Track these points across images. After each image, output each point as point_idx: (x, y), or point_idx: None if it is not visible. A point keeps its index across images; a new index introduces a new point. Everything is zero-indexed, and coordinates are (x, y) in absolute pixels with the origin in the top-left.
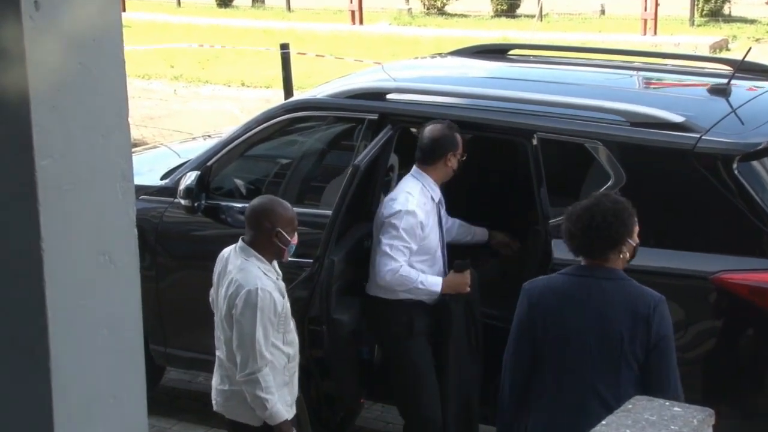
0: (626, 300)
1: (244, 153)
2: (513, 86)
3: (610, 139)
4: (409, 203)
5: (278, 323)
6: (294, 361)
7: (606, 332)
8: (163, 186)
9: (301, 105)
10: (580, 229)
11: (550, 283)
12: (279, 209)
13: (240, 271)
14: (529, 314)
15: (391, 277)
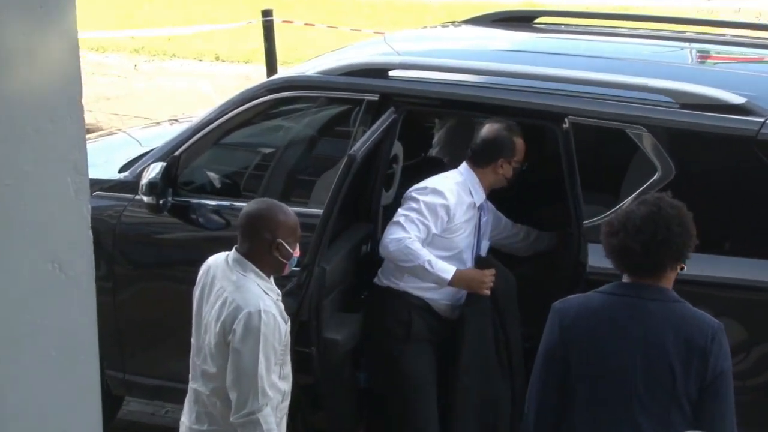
0: (679, 327)
1: (219, 141)
2: (539, 61)
3: (657, 123)
4: (439, 184)
5: (278, 352)
6: (287, 400)
7: (654, 365)
8: (121, 180)
9: (286, 84)
10: (641, 243)
11: (587, 303)
12: (280, 216)
13: (237, 289)
14: (560, 339)
15: (395, 246)
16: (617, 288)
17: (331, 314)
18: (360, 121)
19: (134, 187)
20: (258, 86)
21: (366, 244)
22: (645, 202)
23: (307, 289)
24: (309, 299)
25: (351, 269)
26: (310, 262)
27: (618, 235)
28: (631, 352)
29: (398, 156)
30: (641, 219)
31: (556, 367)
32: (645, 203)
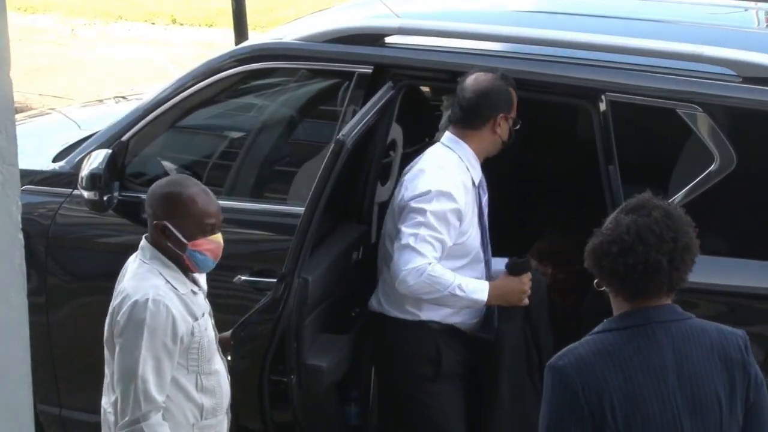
0: (711, 345)
1: (176, 123)
2: (569, 24)
3: (715, 101)
4: (442, 181)
5: (186, 355)
6: (214, 418)
7: (699, 398)
8: (56, 171)
9: (259, 53)
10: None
11: (597, 350)
12: (175, 194)
13: (133, 276)
14: (576, 403)
15: (415, 279)
16: (623, 321)
17: (315, 336)
18: (350, 98)
19: (72, 180)
20: (224, 56)
21: (357, 250)
22: (633, 208)
23: (285, 305)
24: (287, 317)
25: (339, 280)
26: (289, 272)
27: (636, 252)
28: (671, 390)
29: (396, 142)
30: (656, 224)
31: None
32: (635, 209)
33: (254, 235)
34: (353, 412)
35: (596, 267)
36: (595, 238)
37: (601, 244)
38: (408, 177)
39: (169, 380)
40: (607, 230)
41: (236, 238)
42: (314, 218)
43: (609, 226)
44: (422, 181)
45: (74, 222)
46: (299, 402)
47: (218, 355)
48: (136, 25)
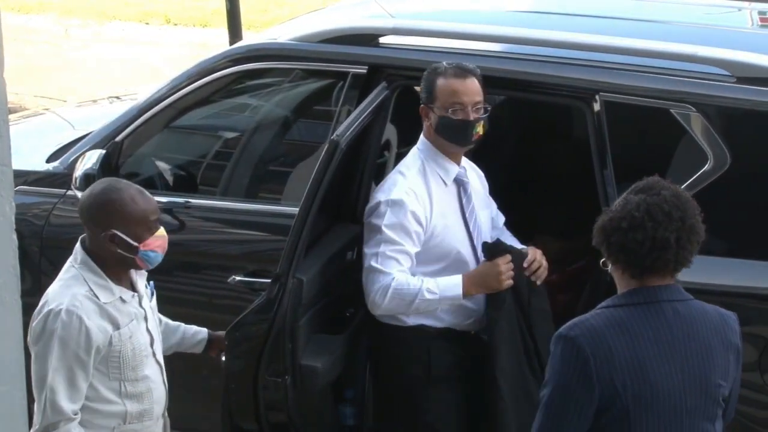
0: (714, 327)
1: (171, 124)
2: (564, 25)
3: (708, 101)
4: (393, 190)
5: (107, 363)
6: (140, 423)
7: (704, 379)
8: (50, 171)
9: (254, 53)
10: (676, 233)
11: (609, 323)
12: (115, 201)
13: (57, 281)
14: (585, 372)
15: (384, 299)
16: (631, 297)
17: (310, 336)
18: (344, 99)
19: (66, 181)
20: (218, 56)
21: (352, 250)
22: (642, 189)
23: (280, 306)
24: (282, 317)
25: (334, 281)
26: (284, 272)
27: (645, 228)
28: (679, 368)
29: (391, 142)
30: (665, 203)
31: (584, 406)
32: (645, 189)
33: (249, 236)
34: (348, 413)
35: (605, 243)
36: (605, 216)
37: (611, 221)
38: (377, 187)
39: (84, 388)
40: (616, 208)
41: (231, 238)
42: (308, 218)
43: (618, 204)
44: (378, 193)
45: (68, 222)
46: (294, 402)
47: (152, 360)
48: (130, 25)
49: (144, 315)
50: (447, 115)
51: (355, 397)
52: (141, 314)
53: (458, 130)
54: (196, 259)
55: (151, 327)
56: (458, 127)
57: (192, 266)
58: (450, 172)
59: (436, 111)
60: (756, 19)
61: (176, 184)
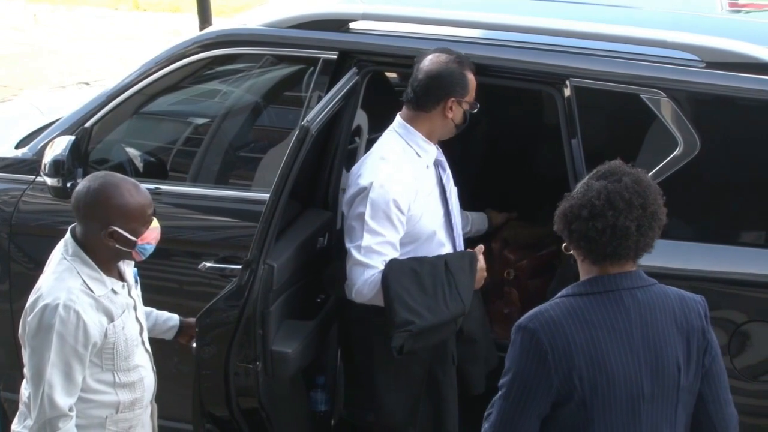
0: (673, 312)
1: (140, 109)
2: (536, 10)
3: (678, 87)
4: (377, 174)
5: (101, 355)
6: (131, 412)
7: (661, 365)
8: (19, 158)
9: (223, 39)
10: (636, 220)
11: (567, 312)
12: (114, 197)
13: (51, 274)
14: (543, 362)
15: (370, 290)
16: (591, 285)
17: (280, 322)
18: (315, 84)
19: (35, 167)
20: (188, 41)
21: (323, 236)
22: (603, 174)
23: (251, 292)
24: (253, 304)
25: (304, 267)
26: (255, 259)
27: (605, 216)
28: (636, 354)
29: (362, 128)
30: (626, 190)
31: (541, 396)
32: (606, 175)
33: (219, 222)
34: (319, 399)
35: (566, 230)
36: (566, 202)
37: (571, 208)
38: (352, 170)
39: (80, 382)
40: (577, 194)
41: (201, 224)
42: (279, 204)
43: (579, 191)
44: (359, 178)
45: (37, 209)
46: (265, 389)
47: (142, 348)
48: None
49: (133, 304)
50: (470, 110)
51: (327, 384)
52: (131, 304)
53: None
54: (167, 245)
55: (139, 315)
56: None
57: (162, 253)
58: (430, 154)
59: (464, 105)
60: (725, 4)
61: (146, 170)
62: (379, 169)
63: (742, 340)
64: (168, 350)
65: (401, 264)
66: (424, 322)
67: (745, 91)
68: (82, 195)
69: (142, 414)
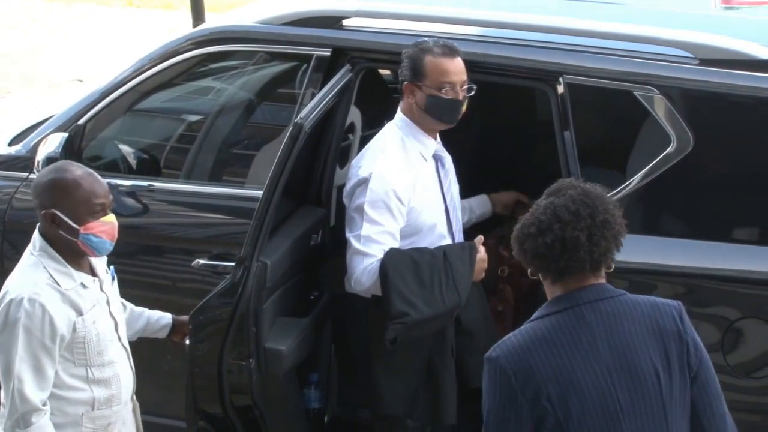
0: (643, 318)
1: (134, 106)
2: (530, 7)
3: (671, 84)
4: (377, 165)
5: (72, 350)
6: (108, 408)
7: (634, 371)
8: (12, 155)
9: (217, 36)
10: (587, 231)
11: (531, 339)
12: (58, 180)
13: (18, 270)
14: (513, 393)
15: (369, 279)
16: (553, 305)
17: (274, 319)
18: (308, 81)
19: (28, 164)
20: (182, 38)
21: (316, 233)
22: (552, 191)
23: (244, 289)
24: (246, 301)
25: (298, 264)
26: (248, 256)
27: (552, 230)
28: (605, 367)
29: (355, 125)
30: (572, 202)
31: (519, 424)
32: (554, 192)
33: (213, 219)
34: (313, 396)
35: (520, 252)
36: (517, 224)
37: (521, 228)
38: (353, 163)
39: (51, 376)
40: (527, 215)
41: (194, 221)
42: (272, 202)
43: (529, 212)
44: (359, 170)
45: (31, 206)
46: (258, 386)
47: (118, 344)
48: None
49: (106, 299)
50: (438, 95)
51: (320, 381)
52: (103, 299)
53: (448, 109)
54: (160, 242)
55: (114, 311)
56: (448, 107)
57: (156, 250)
58: (429, 148)
59: (425, 90)
60: (718, 1)
61: (139, 167)
62: (378, 160)
63: (735, 337)
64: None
65: (400, 253)
66: (419, 314)
67: (738, 87)
68: (35, 179)
69: (120, 411)
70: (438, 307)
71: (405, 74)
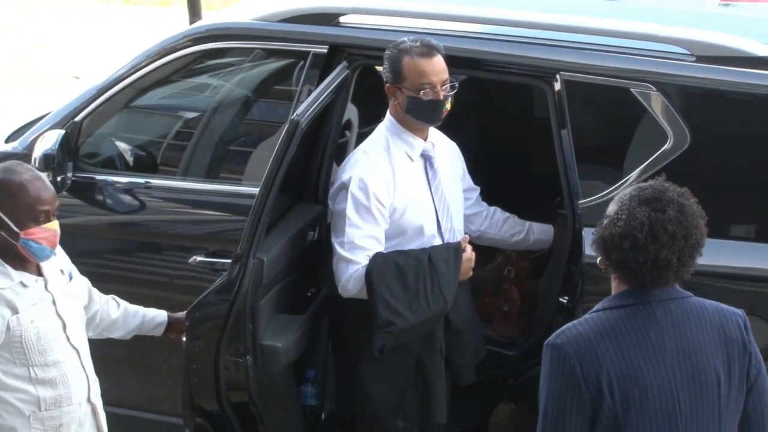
0: (709, 324)
1: (131, 103)
2: (527, 5)
3: (668, 81)
4: (355, 170)
5: (10, 349)
6: (58, 409)
7: (699, 378)
8: (9, 152)
9: (214, 32)
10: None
11: (597, 328)
12: (3, 181)
13: None
14: (573, 382)
15: (355, 285)
16: (622, 299)
17: (270, 316)
18: (305, 78)
19: (25, 161)
20: (178, 35)
21: (313, 230)
22: (648, 200)
23: (241, 286)
24: (243, 298)
25: (294, 261)
26: (245, 253)
27: (647, 250)
28: (670, 367)
29: (352, 122)
30: (671, 224)
31: (579, 412)
32: (651, 201)
33: (209, 216)
34: (309, 393)
35: (604, 256)
36: (606, 229)
37: (611, 237)
38: (340, 166)
39: None
40: (619, 221)
41: (191, 218)
42: (269, 198)
43: (622, 217)
44: (341, 173)
45: None
46: (255, 382)
47: (66, 344)
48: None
49: (52, 299)
50: (417, 96)
51: (317, 378)
52: (47, 298)
53: (428, 110)
54: (157, 239)
55: (62, 311)
56: (429, 107)
57: (152, 247)
58: (416, 148)
59: (405, 91)
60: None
61: (136, 164)
62: (359, 162)
63: None
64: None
65: (385, 259)
66: (405, 323)
67: (735, 84)
68: None
69: (73, 412)
70: (424, 313)
71: (386, 76)
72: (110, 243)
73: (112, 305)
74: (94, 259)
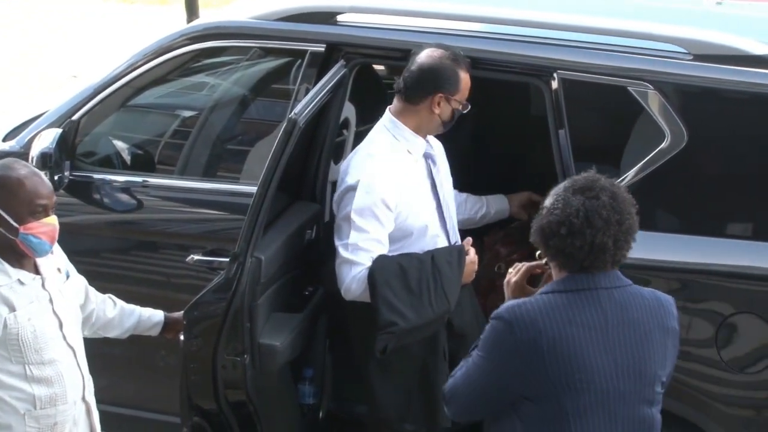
0: (649, 312)
1: (128, 102)
2: (525, 3)
3: (665, 79)
4: (364, 171)
5: (6, 347)
6: (53, 408)
7: (639, 365)
8: (6, 150)
9: (211, 31)
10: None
11: (544, 307)
12: (1, 178)
13: None
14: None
15: (359, 286)
16: (569, 283)
17: (268, 315)
18: (302, 77)
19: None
20: (176, 34)
21: (311, 229)
22: (582, 188)
23: (238, 285)
24: (241, 297)
25: (292, 259)
26: (242, 251)
27: (584, 235)
28: (610, 351)
29: (350, 120)
30: (604, 209)
31: (506, 385)
32: (584, 189)
33: (207, 215)
34: (307, 392)
35: (543, 245)
36: (544, 218)
37: (549, 225)
38: (342, 168)
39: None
40: (555, 209)
41: (189, 217)
42: (267, 197)
43: (558, 206)
44: (347, 176)
45: None
46: (253, 381)
47: (62, 343)
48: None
49: (49, 297)
50: (460, 109)
51: (315, 376)
52: (44, 297)
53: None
54: (154, 238)
55: (58, 310)
56: (456, 119)
57: (150, 245)
58: (419, 148)
59: (453, 103)
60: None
61: (134, 163)
62: (365, 166)
63: (729, 332)
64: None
65: (388, 260)
66: (408, 323)
67: (732, 83)
68: None
69: (68, 411)
70: (427, 314)
71: (438, 84)
72: (108, 242)
73: (108, 304)
74: (91, 257)
